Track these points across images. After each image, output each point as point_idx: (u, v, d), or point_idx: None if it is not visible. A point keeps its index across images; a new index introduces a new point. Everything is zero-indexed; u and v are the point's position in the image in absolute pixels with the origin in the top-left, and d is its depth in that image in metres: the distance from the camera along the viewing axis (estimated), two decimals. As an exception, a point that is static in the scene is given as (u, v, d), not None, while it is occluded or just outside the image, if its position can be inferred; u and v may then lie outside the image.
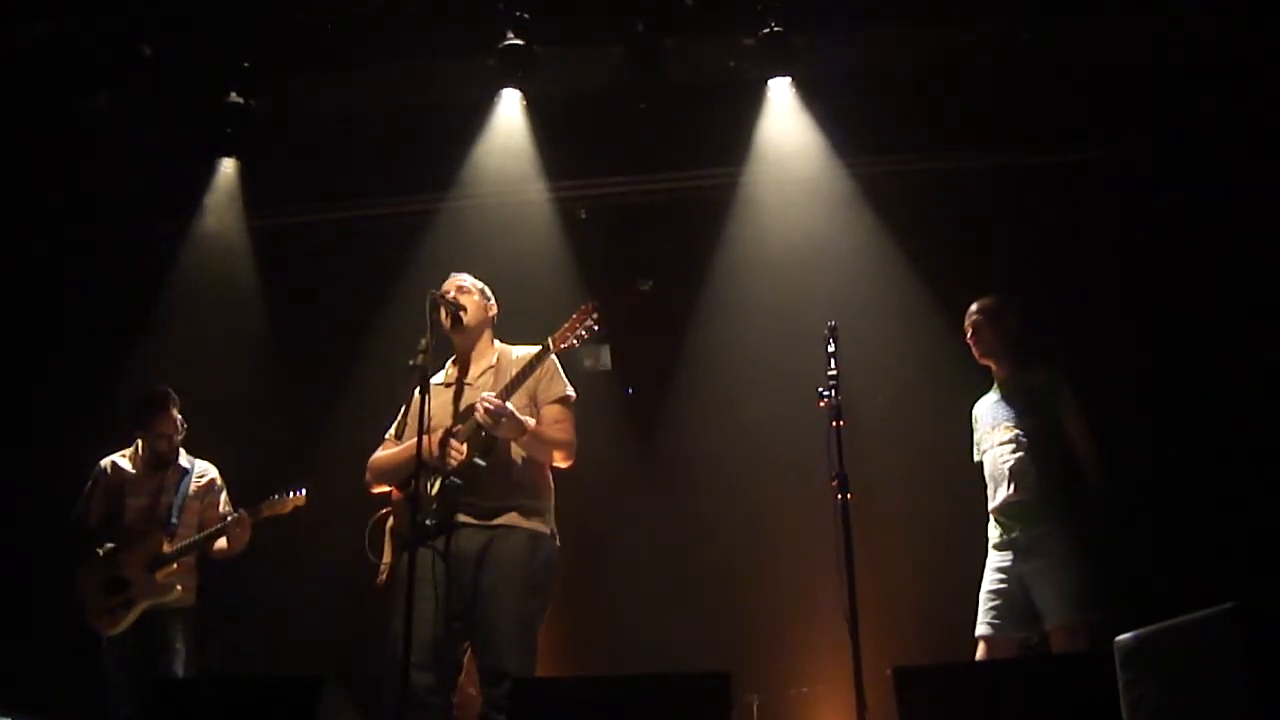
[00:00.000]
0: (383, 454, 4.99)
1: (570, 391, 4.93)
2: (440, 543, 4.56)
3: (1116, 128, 6.82)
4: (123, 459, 6.15)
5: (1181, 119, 6.65)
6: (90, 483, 6.10)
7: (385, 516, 4.93)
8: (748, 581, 6.97)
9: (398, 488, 4.89)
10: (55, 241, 7.29)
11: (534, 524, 4.73)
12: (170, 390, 6.13)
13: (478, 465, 4.63)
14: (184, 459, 6.15)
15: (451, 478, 4.59)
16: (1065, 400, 5.34)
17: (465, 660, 4.69)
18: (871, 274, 6.86)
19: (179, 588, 5.84)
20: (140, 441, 6.14)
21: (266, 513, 5.89)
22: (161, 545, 5.86)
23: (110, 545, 5.85)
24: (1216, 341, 6.36)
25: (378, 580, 4.77)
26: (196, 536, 5.94)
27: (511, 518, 4.69)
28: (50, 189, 7.19)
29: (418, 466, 4.40)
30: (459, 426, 4.73)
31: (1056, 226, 6.84)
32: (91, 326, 7.32)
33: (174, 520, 5.95)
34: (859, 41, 6.90)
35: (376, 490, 4.99)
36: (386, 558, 4.81)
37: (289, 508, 5.88)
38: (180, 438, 6.11)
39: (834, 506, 4.26)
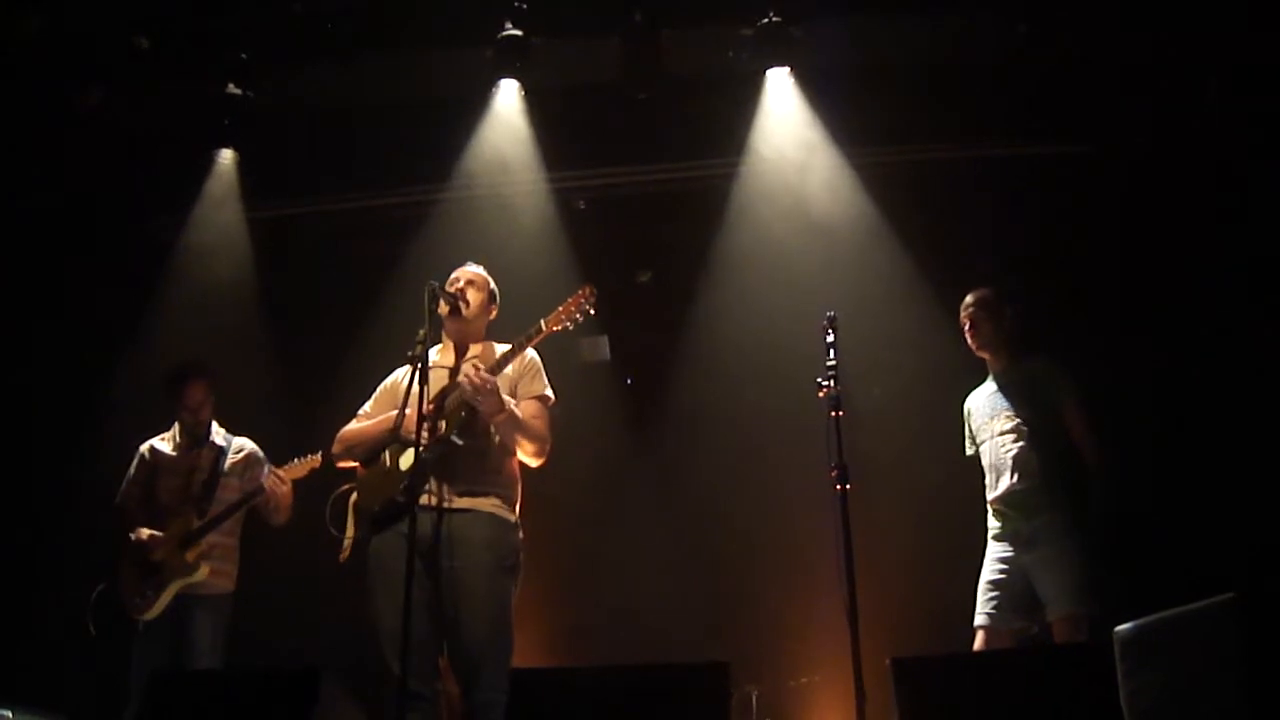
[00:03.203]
0: (354, 426, 5.00)
1: (550, 393, 4.94)
2: (413, 525, 4.51)
3: (1114, 120, 6.81)
4: (161, 442, 6.11)
5: (1179, 111, 6.64)
6: (131, 468, 6.07)
7: (348, 491, 4.94)
8: (746, 572, 6.99)
9: (363, 464, 4.89)
10: (54, 235, 7.28)
11: (502, 511, 4.73)
12: (198, 363, 6.11)
13: (454, 443, 4.63)
14: (219, 436, 6.10)
15: (424, 453, 4.57)
16: (1065, 390, 5.34)
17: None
18: (870, 265, 6.86)
19: (205, 567, 5.77)
20: (177, 422, 6.11)
21: (295, 473, 5.83)
22: (192, 523, 5.81)
23: (145, 528, 5.80)
24: (1215, 332, 6.36)
25: (340, 556, 4.78)
26: (224, 508, 5.87)
27: (480, 502, 4.67)
28: (48, 182, 7.18)
29: (417, 444, 4.38)
30: (432, 404, 4.71)
31: (1054, 218, 6.84)
32: (90, 319, 7.31)
33: (207, 497, 5.89)
34: (857, 32, 6.89)
35: (342, 465, 5.01)
36: (349, 532, 4.82)
37: (305, 470, 5.78)
38: (206, 413, 6.06)
39: (833, 497, 4.26)
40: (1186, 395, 6.34)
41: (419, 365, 4.47)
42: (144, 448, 6.11)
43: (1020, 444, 5.32)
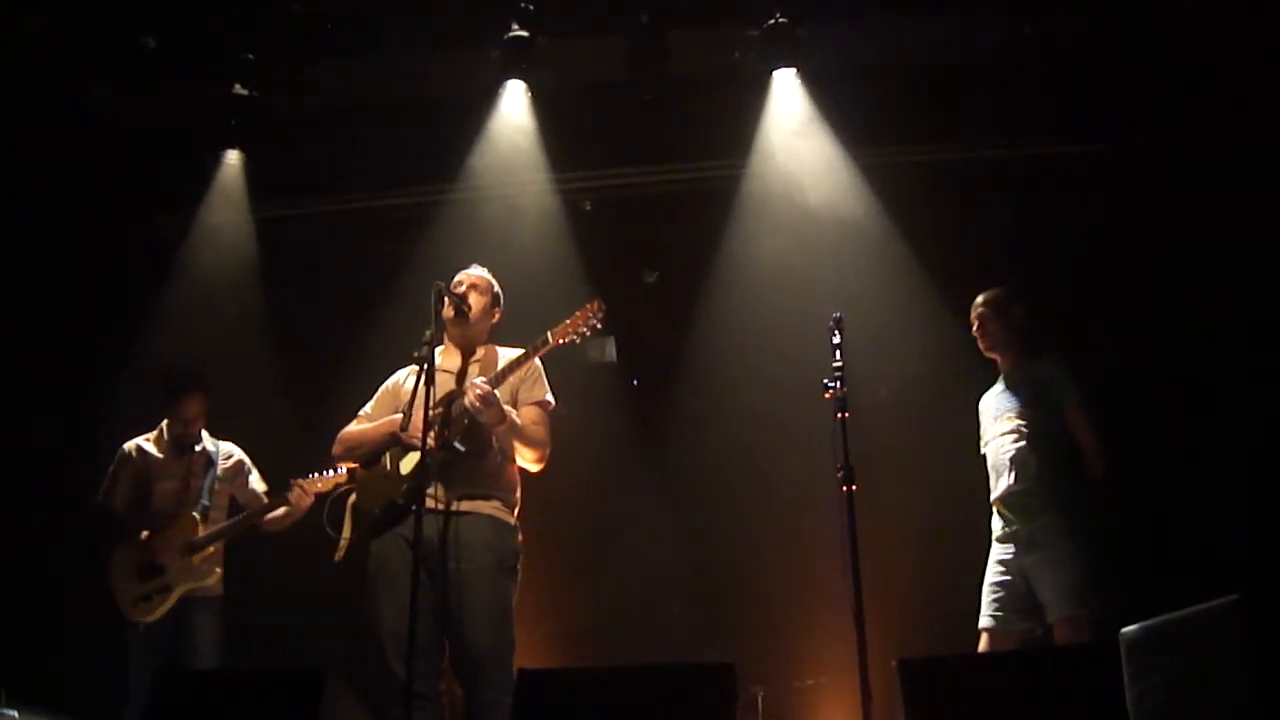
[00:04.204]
0: (355, 428, 5.01)
1: (550, 398, 4.97)
2: (411, 530, 4.47)
3: (1122, 120, 6.81)
4: (147, 442, 6.09)
5: (1187, 111, 6.63)
6: (114, 466, 6.04)
7: (347, 492, 4.97)
8: (752, 573, 6.98)
9: (363, 465, 4.90)
10: (59, 235, 7.29)
11: (502, 514, 4.76)
12: (197, 372, 6.11)
13: (456, 449, 4.64)
14: (208, 442, 6.11)
15: (428, 458, 4.57)
16: (1066, 390, 5.33)
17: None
18: (876, 266, 6.85)
19: (218, 571, 5.83)
20: (164, 424, 6.11)
21: (318, 487, 5.82)
22: (195, 529, 5.82)
23: (142, 530, 5.82)
24: (1219, 331, 6.36)
25: (335, 556, 4.80)
26: (238, 516, 5.92)
27: (480, 505, 4.71)
28: (54, 182, 7.19)
29: (423, 446, 4.41)
30: (439, 409, 4.72)
31: (1062, 218, 6.84)
32: (95, 319, 7.32)
33: (206, 503, 5.91)
34: (864, 33, 6.88)
35: (341, 465, 5.01)
36: (346, 533, 4.83)
37: (330, 485, 5.71)
38: (198, 426, 6.08)
39: (839, 498, 4.26)
40: (1190, 394, 6.33)
41: (425, 367, 4.48)
42: (129, 447, 6.08)
43: (1019, 445, 5.32)
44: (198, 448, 6.07)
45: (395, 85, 7.17)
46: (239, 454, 6.19)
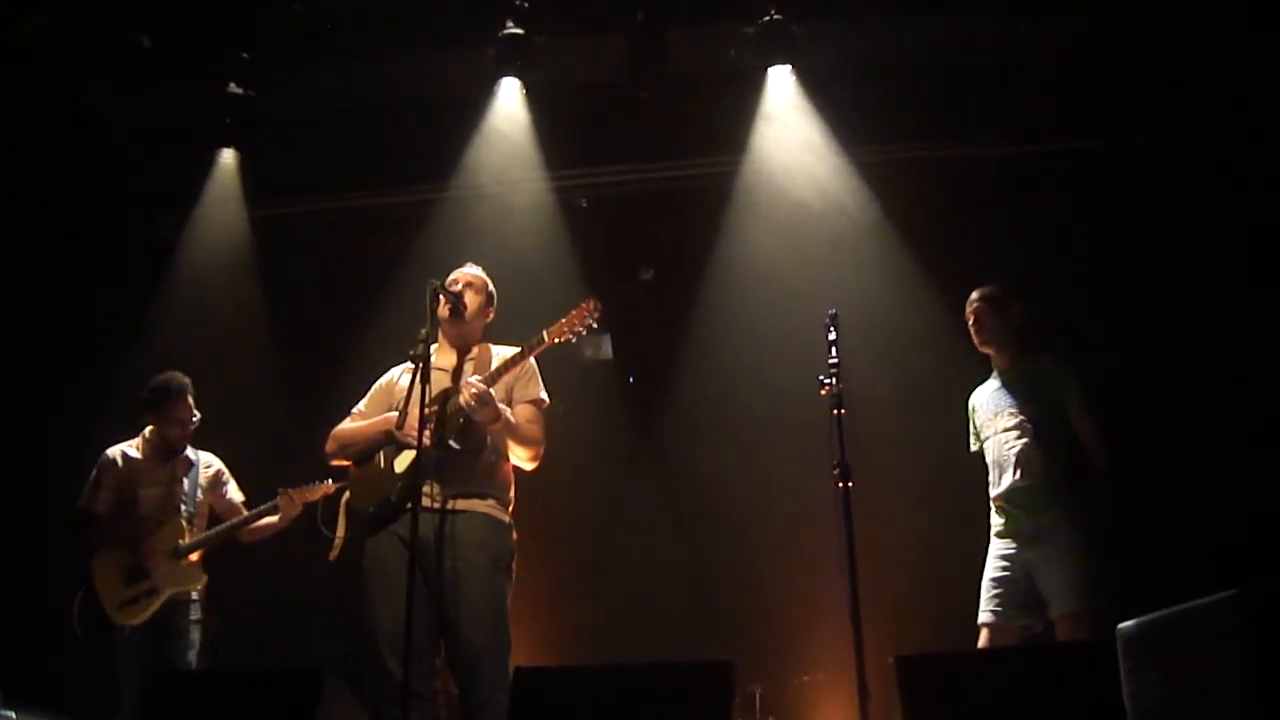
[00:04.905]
0: (349, 426, 5.01)
1: (545, 396, 4.95)
2: (405, 528, 4.47)
3: (1117, 118, 6.81)
4: (131, 449, 6.08)
5: (1187, 111, 6.63)
6: (96, 472, 6.02)
7: (341, 491, 4.97)
8: (750, 570, 6.98)
9: (356, 463, 4.90)
10: (56, 233, 7.29)
11: (497, 512, 4.75)
12: (187, 380, 6.13)
13: (451, 447, 4.63)
14: (189, 450, 6.12)
15: (423, 456, 4.55)
16: (1072, 388, 5.32)
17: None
18: (872, 262, 6.86)
19: (205, 576, 5.85)
20: (150, 430, 6.10)
21: (307, 497, 5.85)
22: (182, 533, 5.85)
23: (128, 535, 5.82)
24: (1218, 330, 6.36)
25: (330, 555, 4.79)
26: (229, 523, 5.95)
27: (474, 503, 4.69)
28: (51, 181, 7.19)
29: (419, 445, 4.40)
30: (434, 408, 4.71)
31: (1062, 218, 6.84)
32: (92, 318, 7.32)
33: (190, 509, 5.94)
34: (859, 30, 6.89)
35: (335, 463, 5.02)
36: (339, 532, 4.83)
37: (318, 495, 5.74)
38: (193, 427, 6.09)
39: (835, 495, 4.26)
40: (1190, 392, 6.33)
41: (420, 365, 4.47)
42: (114, 453, 6.07)
43: (1024, 441, 5.31)
44: (180, 455, 6.08)
45: (391, 83, 7.18)
46: (218, 464, 6.20)
